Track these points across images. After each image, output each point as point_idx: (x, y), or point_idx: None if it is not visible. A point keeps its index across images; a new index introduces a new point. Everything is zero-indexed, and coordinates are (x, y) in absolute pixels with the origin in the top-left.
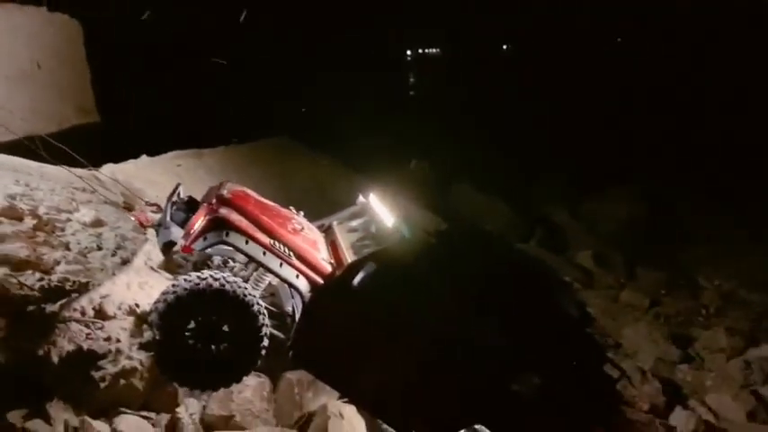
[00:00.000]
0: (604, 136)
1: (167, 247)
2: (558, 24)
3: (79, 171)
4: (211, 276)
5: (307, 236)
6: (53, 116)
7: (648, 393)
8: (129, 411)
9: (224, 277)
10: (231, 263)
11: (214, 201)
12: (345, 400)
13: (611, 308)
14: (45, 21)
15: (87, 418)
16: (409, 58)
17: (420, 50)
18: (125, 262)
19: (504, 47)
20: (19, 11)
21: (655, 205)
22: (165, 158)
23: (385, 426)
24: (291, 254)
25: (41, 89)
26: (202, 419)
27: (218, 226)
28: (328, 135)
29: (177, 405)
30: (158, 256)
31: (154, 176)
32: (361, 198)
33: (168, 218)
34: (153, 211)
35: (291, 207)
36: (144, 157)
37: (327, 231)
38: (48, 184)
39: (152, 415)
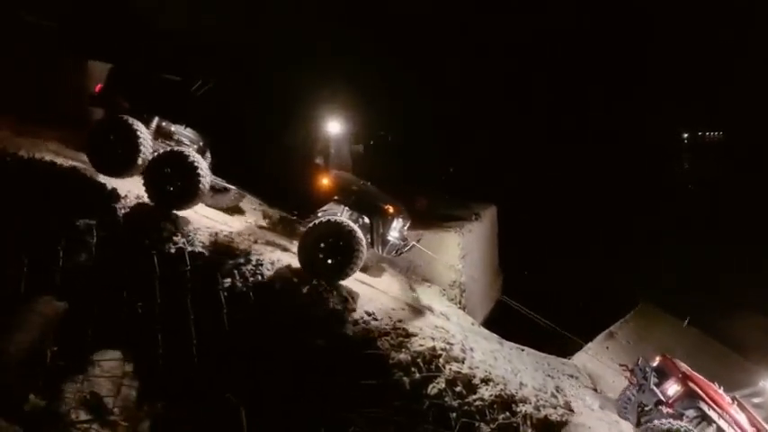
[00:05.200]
0: None
1: (656, 405)
2: None
3: (559, 359)
4: (684, 426)
5: (736, 408)
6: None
7: None
8: None
9: (684, 425)
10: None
11: (680, 375)
12: None
13: None
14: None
15: None
16: None
17: None
18: None
19: None
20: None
21: None
22: (598, 343)
23: None
24: (732, 421)
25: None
26: None
27: (690, 395)
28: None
29: None
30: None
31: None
32: (761, 383)
33: (651, 384)
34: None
35: (716, 382)
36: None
37: (736, 402)
38: (545, 370)
39: None
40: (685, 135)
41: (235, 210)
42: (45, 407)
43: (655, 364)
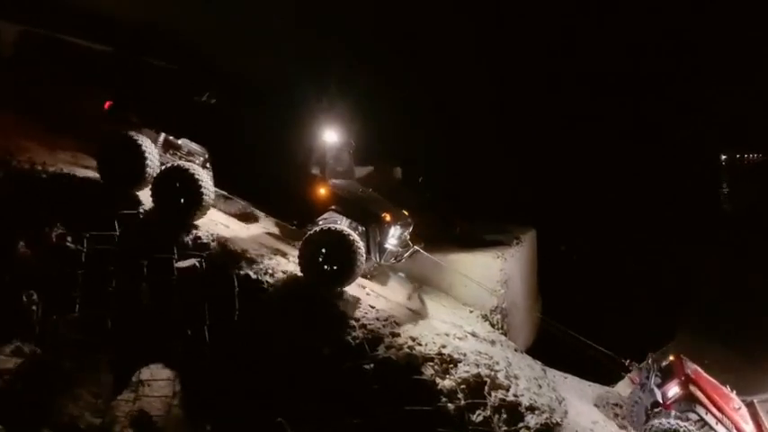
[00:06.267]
0: None
1: (653, 407)
2: None
3: (602, 387)
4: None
5: (743, 414)
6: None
7: None
8: None
9: (686, 426)
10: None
11: (683, 377)
12: None
13: None
14: (530, 240)
15: None
16: None
17: None
18: None
19: None
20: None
21: None
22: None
23: None
24: (734, 427)
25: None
26: None
27: (689, 399)
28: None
29: None
30: None
31: None
32: None
33: (652, 384)
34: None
35: (728, 385)
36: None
37: (749, 407)
38: (588, 399)
39: None
40: (724, 157)
41: (249, 216)
42: (99, 425)
43: (664, 363)
